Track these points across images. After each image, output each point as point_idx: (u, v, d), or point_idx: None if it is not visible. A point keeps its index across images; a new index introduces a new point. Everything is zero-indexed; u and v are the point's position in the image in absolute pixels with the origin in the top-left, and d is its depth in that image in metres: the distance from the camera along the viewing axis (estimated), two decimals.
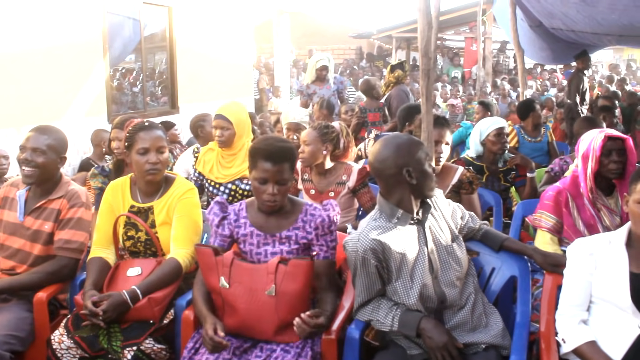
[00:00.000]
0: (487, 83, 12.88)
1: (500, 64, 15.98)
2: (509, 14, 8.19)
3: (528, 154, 5.42)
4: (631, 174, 2.84)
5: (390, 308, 2.39)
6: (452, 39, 18.16)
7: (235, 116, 3.71)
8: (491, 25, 14.98)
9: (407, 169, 2.36)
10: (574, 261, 2.35)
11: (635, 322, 2.16)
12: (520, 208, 3.60)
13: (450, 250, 2.48)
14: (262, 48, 17.04)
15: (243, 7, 10.37)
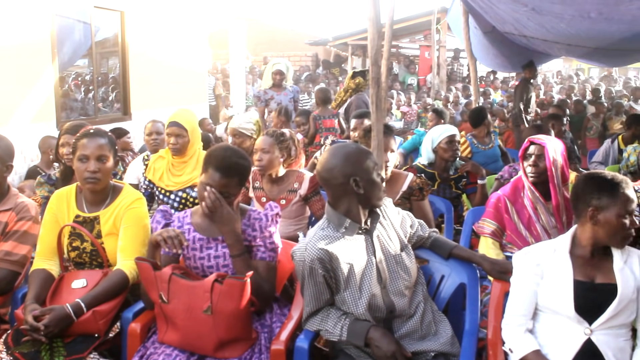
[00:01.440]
0: (442, 91, 13.05)
1: (455, 72, 16.21)
2: (462, 23, 8.33)
3: (482, 162, 5.51)
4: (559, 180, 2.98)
5: (339, 318, 2.38)
6: (408, 47, 18.35)
7: (190, 124, 3.67)
8: (445, 33, 15.20)
9: (355, 178, 2.35)
10: (520, 270, 2.37)
11: (581, 329, 2.20)
12: (471, 215, 3.65)
13: (399, 260, 2.48)
14: (218, 54, 16.93)
15: (198, 13, 10.28)
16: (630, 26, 6.38)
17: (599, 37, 7.12)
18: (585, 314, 2.19)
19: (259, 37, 19.21)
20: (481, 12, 7.67)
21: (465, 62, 15.65)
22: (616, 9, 5.85)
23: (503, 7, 6.97)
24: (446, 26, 14.22)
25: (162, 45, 9.06)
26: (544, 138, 3.18)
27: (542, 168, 3.09)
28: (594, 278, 2.26)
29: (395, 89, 14.13)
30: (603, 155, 6.40)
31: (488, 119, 5.93)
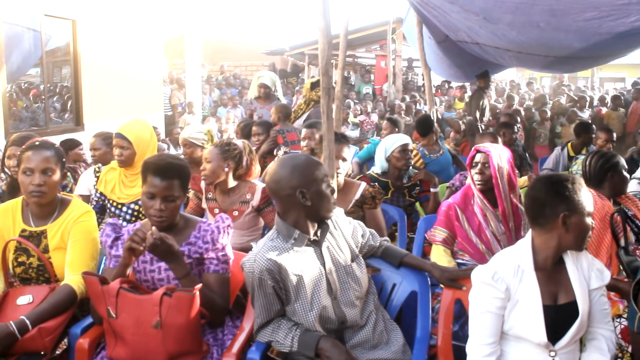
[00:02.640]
0: (397, 100, 13.19)
1: (410, 81, 16.41)
2: (417, 33, 8.44)
3: (436, 170, 5.58)
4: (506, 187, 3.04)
5: (290, 329, 2.37)
6: (364, 57, 18.50)
7: (134, 135, 3.61)
8: (401, 43, 15.37)
9: (301, 190, 2.35)
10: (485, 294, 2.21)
11: (546, 352, 2.18)
12: (423, 223, 3.70)
13: (350, 270, 2.49)
14: (174, 64, 16.79)
15: (152, 22, 10.18)
16: (577, 35, 6.58)
17: (548, 45, 7.29)
18: (551, 338, 2.15)
19: (216, 46, 19.12)
20: (435, 21, 7.79)
21: (420, 72, 15.84)
22: (563, 20, 6.02)
23: (456, 16, 7.10)
24: (402, 36, 14.39)
25: (115, 54, 8.94)
26: (489, 146, 3.25)
27: (488, 176, 3.15)
28: (557, 297, 2.20)
29: (351, 98, 14.22)
30: (554, 163, 6.54)
31: (435, 127, 6.02)
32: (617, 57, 8.49)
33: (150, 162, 2.53)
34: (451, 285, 2.63)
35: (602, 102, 12.86)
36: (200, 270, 2.61)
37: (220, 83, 15.70)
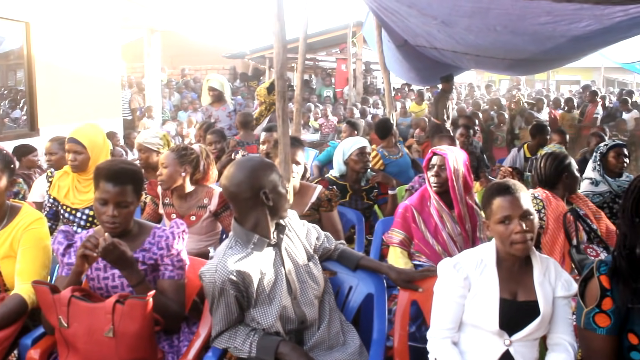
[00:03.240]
0: (358, 103, 13.25)
1: (371, 84, 16.51)
2: (376, 36, 8.49)
3: (396, 172, 5.63)
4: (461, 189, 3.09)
5: (248, 334, 2.35)
6: (325, 60, 18.55)
7: (88, 139, 3.55)
8: (362, 46, 15.46)
9: (264, 190, 2.35)
10: (447, 283, 2.35)
11: (501, 340, 2.25)
12: (381, 225, 3.72)
13: (308, 269, 2.50)
14: (134, 67, 16.58)
15: (110, 24, 10.02)
16: (532, 39, 6.71)
17: (505, 48, 7.42)
18: (506, 328, 2.24)
19: (176, 49, 18.94)
20: (393, 25, 7.84)
21: (380, 75, 15.94)
22: (519, 24, 6.13)
23: (414, 21, 7.16)
24: (362, 39, 14.47)
25: (71, 57, 8.76)
26: (446, 149, 3.29)
27: (444, 178, 3.19)
28: (517, 295, 2.29)
29: (313, 101, 14.24)
30: (511, 163, 6.66)
31: (394, 130, 6.08)
32: (571, 60, 8.70)
33: (102, 168, 2.49)
34: (407, 287, 2.65)
35: (556, 104, 13.13)
36: (155, 276, 2.58)
37: (180, 87, 15.55)
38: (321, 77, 16.87)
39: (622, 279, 1.98)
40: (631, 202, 2.03)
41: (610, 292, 1.99)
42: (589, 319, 2.03)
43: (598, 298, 2.01)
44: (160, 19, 12.45)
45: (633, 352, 2.00)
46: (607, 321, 2.00)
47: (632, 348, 2.00)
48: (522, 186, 2.36)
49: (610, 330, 2.00)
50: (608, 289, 1.99)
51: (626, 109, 11.28)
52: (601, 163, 4.68)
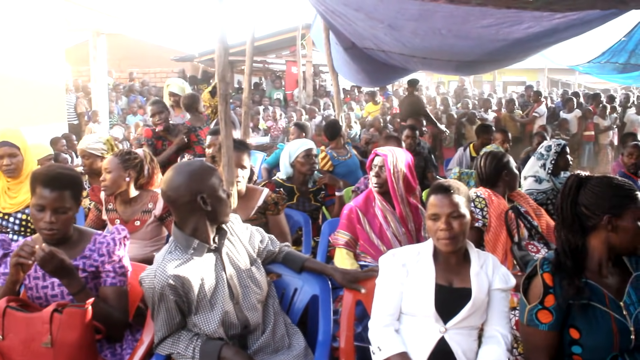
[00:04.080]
0: (307, 105, 13.27)
1: (321, 86, 16.53)
2: (323, 39, 8.51)
3: (345, 172, 5.66)
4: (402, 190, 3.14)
5: (191, 339, 2.33)
6: (275, 62, 18.51)
7: (21, 141, 3.49)
8: (311, 48, 15.48)
9: (202, 195, 2.33)
10: (386, 271, 2.43)
11: (437, 327, 2.30)
12: (327, 227, 3.73)
13: (250, 274, 2.49)
14: (79, 71, 16.22)
15: (52, 27, 9.74)
16: (476, 42, 6.85)
17: (451, 51, 7.54)
18: (441, 314, 2.29)
19: (124, 52, 18.61)
20: (340, 28, 7.88)
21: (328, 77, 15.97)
22: (463, 27, 6.25)
23: (361, 24, 7.21)
24: (311, 41, 14.50)
25: (10, 60, 8.49)
26: (387, 150, 3.32)
27: (384, 179, 3.23)
28: (452, 282, 2.37)
29: (265, 104, 14.18)
30: (457, 163, 6.79)
31: (343, 131, 6.12)
32: (516, 61, 8.89)
33: (39, 173, 2.44)
34: (352, 288, 2.66)
35: (498, 105, 13.39)
36: (96, 283, 2.53)
37: (128, 91, 15.28)
38: (271, 79, 16.80)
39: (567, 275, 2.04)
40: (569, 202, 2.11)
41: (552, 289, 2.06)
42: (531, 315, 2.10)
43: (541, 295, 2.07)
44: (105, 22, 12.19)
45: (574, 346, 2.08)
46: (549, 317, 2.06)
47: (574, 342, 2.07)
48: (461, 189, 2.42)
49: (552, 326, 2.07)
50: (551, 286, 2.06)
51: (570, 108, 11.59)
52: (555, 162, 4.79)
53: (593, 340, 2.04)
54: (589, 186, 2.10)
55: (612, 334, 2.03)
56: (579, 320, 2.05)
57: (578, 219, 2.11)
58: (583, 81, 24.22)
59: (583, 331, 2.05)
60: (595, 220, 2.07)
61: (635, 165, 5.07)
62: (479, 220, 3.34)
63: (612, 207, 2.05)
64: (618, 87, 17.90)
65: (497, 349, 2.28)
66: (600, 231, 2.09)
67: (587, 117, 11.16)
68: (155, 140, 5.57)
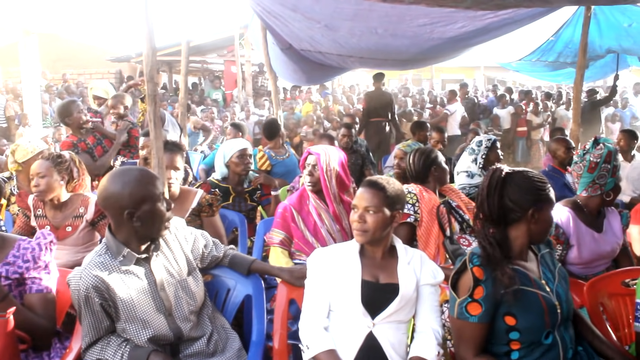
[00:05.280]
0: (246, 105, 13.17)
1: (261, 86, 16.44)
2: (261, 38, 8.48)
3: (283, 172, 5.66)
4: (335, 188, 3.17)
5: (120, 345, 2.28)
6: (214, 62, 18.34)
7: None
8: (250, 48, 15.40)
9: (130, 211, 2.25)
10: (314, 270, 2.45)
11: (365, 322, 2.32)
12: (262, 226, 3.73)
13: (185, 285, 2.44)
14: (9, 72, 15.67)
15: None
16: (412, 41, 6.97)
17: (387, 50, 7.65)
18: (369, 310, 2.32)
19: (58, 53, 18.09)
20: (277, 29, 7.87)
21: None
22: (399, 26, 6.35)
23: (298, 25, 7.22)
24: (250, 41, 14.42)
25: None
26: (319, 148, 3.34)
27: (317, 177, 3.24)
28: (379, 278, 2.40)
29: (206, 104, 13.98)
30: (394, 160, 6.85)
31: (282, 131, 6.13)
32: (451, 57, 9.08)
33: None
34: (301, 285, 2.63)
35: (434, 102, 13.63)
36: (21, 291, 2.45)
37: (62, 92, 14.82)
38: (210, 79, 16.61)
39: (498, 266, 2.10)
40: (496, 197, 2.17)
41: (482, 281, 2.11)
42: (461, 308, 2.15)
43: (470, 288, 2.12)
44: (35, 21, 11.80)
45: (512, 333, 2.15)
46: (479, 309, 2.12)
47: (511, 329, 2.14)
48: (390, 187, 2.45)
49: (482, 318, 2.12)
50: (481, 279, 2.11)
51: (504, 104, 11.91)
52: (486, 157, 4.90)
53: (528, 321, 2.12)
54: (514, 181, 2.19)
55: (543, 312, 2.12)
56: (513, 307, 2.11)
57: (503, 213, 2.19)
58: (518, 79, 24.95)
59: (518, 316, 2.12)
60: (521, 213, 2.17)
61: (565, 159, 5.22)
62: (411, 215, 3.39)
63: (536, 202, 2.17)
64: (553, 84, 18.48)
65: (428, 343, 2.33)
66: (523, 223, 2.19)
67: (519, 113, 11.47)
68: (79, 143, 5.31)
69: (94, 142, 5.33)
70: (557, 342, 2.16)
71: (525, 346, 2.14)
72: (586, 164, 3.28)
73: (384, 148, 9.10)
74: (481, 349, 2.17)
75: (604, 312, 2.71)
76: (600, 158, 3.23)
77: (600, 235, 3.26)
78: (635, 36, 8.23)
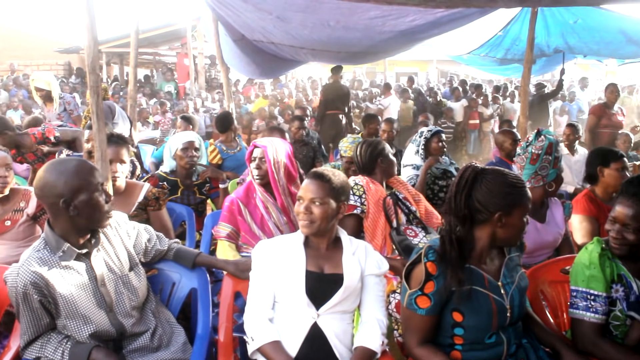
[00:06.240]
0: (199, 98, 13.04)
1: (214, 79, 16.29)
2: (212, 30, 8.40)
3: (234, 166, 5.63)
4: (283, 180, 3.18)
5: (60, 342, 2.24)
6: (167, 54, 18.11)
7: None
8: (203, 40, 15.25)
9: (65, 200, 2.21)
10: (258, 262, 2.44)
11: (310, 313, 2.33)
12: (210, 219, 3.70)
13: (126, 280, 2.41)
14: None
15: None
16: (364, 34, 7.00)
17: (339, 43, 7.67)
18: (314, 301, 2.33)
19: (3, 43, 17.60)
20: (229, 20, 7.80)
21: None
22: (350, 18, 6.37)
23: (250, 16, 7.17)
24: (202, 33, 14.28)
25: None
26: (266, 141, 3.33)
27: (265, 170, 3.23)
28: (324, 269, 2.41)
29: (159, 97, 13.77)
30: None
31: (234, 124, 6.09)
32: (403, 50, 9.20)
33: None
34: (246, 278, 2.61)
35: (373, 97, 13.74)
36: None
37: (7, 84, 14.39)
38: (162, 71, 16.37)
39: (451, 266, 2.12)
40: (464, 195, 2.17)
41: (434, 277, 2.13)
42: (411, 300, 2.18)
43: (422, 282, 2.15)
44: None
45: (457, 328, 2.19)
46: (428, 303, 2.15)
47: (456, 325, 2.18)
48: (336, 179, 2.46)
49: (430, 311, 2.16)
50: (433, 274, 2.14)
51: (457, 97, 12.08)
52: (425, 148, 4.96)
53: (475, 321, 2.16)
54: (484, 182, 2.17)
55: (492, 314, 2.15)
56: (462, 305, 2.15)
57: (469, 211, 2.18)
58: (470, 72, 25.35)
59: (466, 314, 2.16)
60: (487, 215, 2.16)
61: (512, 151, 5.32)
62: (358, 207, 3.41)
63: (504, 206, 2.14)
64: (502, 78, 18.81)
65: (372, 333, 2.35)
66: (488, 225, 2.18)
67: (472, 106, 11.64)
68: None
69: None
70: (502, 340, 2.20)
71: (467, 342, 2.18)
72: (528, 155, 3.36)
73: (340, 140, 9.14)
74: (426, 339, 2.21)
75: (544, 300, 2.78)
76: (542, 150, 3.31)
77: (543, 225, 3.34)
78: (580, 33, 8.47)
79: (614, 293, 2.39)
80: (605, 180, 3.78)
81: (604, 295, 2.37)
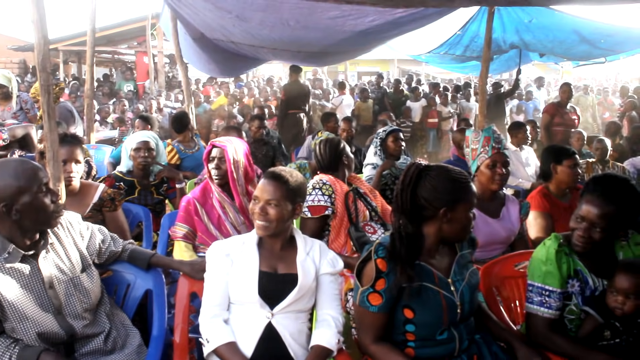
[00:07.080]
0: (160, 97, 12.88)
1: (174, 78, 16.14)
2: (171, 28, 8.31)
3: (193, 165, 5.59)
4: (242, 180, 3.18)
5: (8, 347, 2.18)
6: (126, 53, 17.86)
7: None
8: (162, 39, 15.09)
9: (6, 204, 2.16)
10: (212, 262, 2.43)
11: (264, 313, 2.33)
12: (167, 219, 3.67)
13: (77, 282, 2.37)
14: None
15: None
16: (324, 33, 7.01)
17: (299, 42, 7.67)
18: (268, 301, 2.33)
19: None
20: (188, 19, 7.73)
21: None
22: (310, 18, 6.37)
23: (209, 15, 7.11)
24: (162, 31, 14.12)
25: None
26: (225, 141, 3.32)
27: (224, 170, 3.22)
28: (277, 269, 2.41)
29: (120, 97, 13.56)
30: (307, 151, 6.94)
31: (192, 124, 6.05)
32: (363, 52, 9.23)
33: None
34: (201, 278, 2.60)
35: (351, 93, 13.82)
36: None
37: None
38: (121, 70, 16.13)
39: (400, 263, 2.14)
40: (409, 192, 2.19)
41: (385, 274, 2.15)
42: (363, 297, 2.19)
43: (373, 279, 2.16)
44: None
45: (408, 325, 2.20)
46: (379, 300, 2.17)
47: (408, 321, 2.20)
48: (293, 180, 2.46)
49: (382, 308, 2.17)
50: (383, 271, 2.15)
51: (417, 97, 12.18)
52: (382, 147, 5.01)
53: (425, 317, 2.18)
54: (428, 179, 2.19)
55: (442, 310, 2.18)
56: (412, 301, 2.17)
57: (416, 208, 2.20)
58: (431, 71, 25.63)
59: (417, 311, 2.17)
60: (433, 211, 2.18)
61: None
62: (329, 207, 3.40)
63: (448, 202, 2.17)
64: (462, 76, 19.07)
65: (328, 332, 2.36)
66: (435, 221, 2.21)
67: (430, 105, 11.76)
68: None
69: None
70: (454, 336, 2.23)
71: (419, 339, 2.21)
72: (469, 152, 3.44)
73: (300, 139, 9.16)
74: (380, 336, 2.22)
75: (498, 295, 2.82)
76: (479, 144, 3.37)
77: (495, 220, 3.39)
78: (534, 31, 8.66)
79: (570, 288, 2.44)
80: (558, 177, 3.88)
81: (559, 291, 2.42)
